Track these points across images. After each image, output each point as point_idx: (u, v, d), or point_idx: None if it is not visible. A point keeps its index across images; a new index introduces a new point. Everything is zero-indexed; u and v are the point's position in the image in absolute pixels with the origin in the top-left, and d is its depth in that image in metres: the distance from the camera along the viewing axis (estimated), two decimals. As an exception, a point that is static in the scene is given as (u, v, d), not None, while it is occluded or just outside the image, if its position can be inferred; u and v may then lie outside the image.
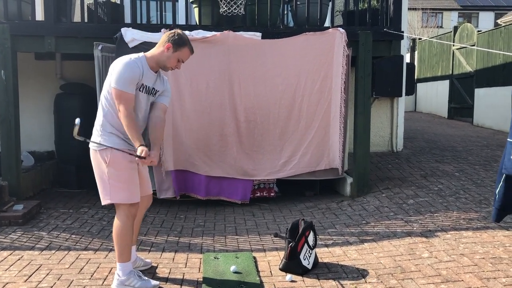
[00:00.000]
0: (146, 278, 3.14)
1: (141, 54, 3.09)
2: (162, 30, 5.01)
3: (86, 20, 5.34)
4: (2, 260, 3.62)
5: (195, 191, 5.36)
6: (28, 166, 5.87)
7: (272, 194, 5.59)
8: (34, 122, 6.59)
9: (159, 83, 3.18)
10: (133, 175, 3.08)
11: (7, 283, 3.22)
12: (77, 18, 5.68)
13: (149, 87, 3.07)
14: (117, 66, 2.96)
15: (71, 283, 3.23)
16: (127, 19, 5.88)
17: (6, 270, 3.44)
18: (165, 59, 3.07)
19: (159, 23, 5.44)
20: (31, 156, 6.11)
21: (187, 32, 5.02)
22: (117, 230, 3.07)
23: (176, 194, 5.27)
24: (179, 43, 3.06)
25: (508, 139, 3.28)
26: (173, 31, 3.12)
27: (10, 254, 3.75)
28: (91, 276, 3.36)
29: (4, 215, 4.49)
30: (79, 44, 5.13)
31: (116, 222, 3.08)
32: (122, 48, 5.00)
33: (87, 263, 3.60)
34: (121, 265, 3.07)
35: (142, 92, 3.04)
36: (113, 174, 3.00)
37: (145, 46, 5.02)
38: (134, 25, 5.22)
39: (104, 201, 3.07)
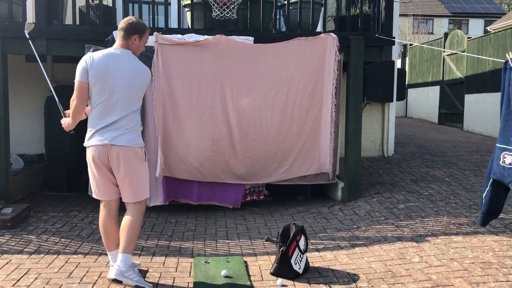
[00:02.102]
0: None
1: (131, 52, 3.29)
2: (154, 33, 5.00)
3: (78, 23, 5.32)
4: (-10, 264, 3.58)
5: (186, 197, 5.33)
6: (18, 169, 5.81)
7: (261, 197, 5.59)
8: (24, 124, 6.53)
9: None
10: None
11: (-5, 287, 3.18)
12: (68, 20, 5.65)
13: None
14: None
15: (60, 287, 3.20)
16: (119, 22, 5.84)
17: (-6, 274, 3.40)
18: (137, 47, 3.30)
19: (151, 26, 5.43)
20: (21, 159, 6.05)
21: (179, 36, 5.10)
22: (136, 223, 3.18)
23: (164, 201, 5.22)
24: (143, 30, 3.31)
25: (497, 145, 3.32)
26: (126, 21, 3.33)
27: (-2, 258, 3.71)
28: (81, 280, 3.33)
29: (-7, 218, 4.44)
30: (70, 46, 5.10)
31: (134, 216, 3.19)
32: (114, 51, 4.99)
33: (76, 267, 3.57)
34: (126, 256, 3.12)
35: None
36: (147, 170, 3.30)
37: (137, 49, 5.01)
38: (126, 28, 5.20)
39: (144, 197, 3.26)
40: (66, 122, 3.29)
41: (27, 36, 4.08)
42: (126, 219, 3.19)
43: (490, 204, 3.44)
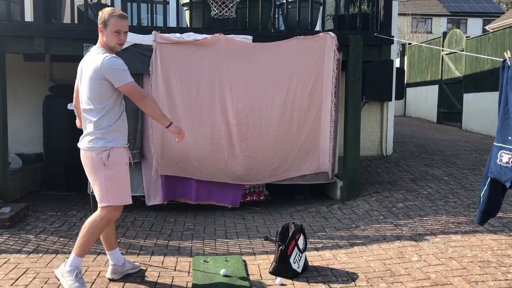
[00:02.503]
0: (85, 285, 3.07)
1: (100, 48, 3.09)
2: (153, 32, 5.00)
3: (76, 22, 5.30)
4: (-12, 264, 3.57)
5: (185, 196, 5.32)
6: (16, 168, 5.80)
7: (262, 197, 5.59)
8: (22, 124, 6.52)
9: None
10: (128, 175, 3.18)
11: (-7, 286, 3.17)
12: (67, 19, 5.64)
13: None
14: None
15: (58, 286, 3.19)
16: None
17: (-8, 274, 3.39)
18: (106, 40, 3.06)
19: (150, 25, 5.42)
20: (19, 158, 6.04)
21: (177, 35, 5.09)
22: (91, 226, 3.06)
23: (163, 200, 5.22)
24: (104, 19, 3.03)
25: (495, 143, 3.32)
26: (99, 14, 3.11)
27: (-3, 258, 3.70)
28: (79, 279, 3.32)
29: (-9, 217, 4.44)
30: (68, 45, 5.09)
31: (92, 219, 3.08)
32: (113, 50, 4.98)
33: (75, 266, 3.56)
34: (76, 258, 3.07)
35: None
36: (112, 176, 3.05)
37: (136, 48, 5.01)
38: (125, 27, 5.19)
39: (103, 204, 3.07)
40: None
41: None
42: (87, 220, 3.13)
43: (488, 202, 3.44)
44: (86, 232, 3.07)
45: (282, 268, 3.38)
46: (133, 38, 4.99)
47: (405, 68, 14.57)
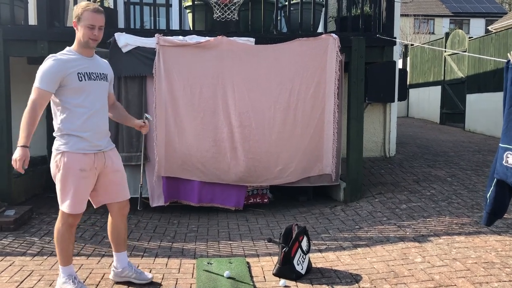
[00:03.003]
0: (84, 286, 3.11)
1: (67, 48, 3.02)
2: (156, 35, 5.02)
3: (79, 25, 5.32)
4: (-7, 266, 3.59)
5: (187, 198, 5.33)
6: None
7: (265, 200, 5.59)
8: (26, 127, 6.53)
9: (98, 67, 3.08)
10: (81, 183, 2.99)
11: (-2, 289, 3.19)
12: (70, 22, 5.66)
13: (89, 73, 2.98)
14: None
15: (63, 289, 3.20)
16: (121, 24, 5.87)
17: (-3, 276, 3.41)
18: (79, 36, 2.94)
19: (152, 28, 5.44)
20: (23, 161, 6.05)
21: (180, 37, 5.11)
22: (56, 232, 3.07)
23: (165, 201, 5.24)
24: (78, 13, 2.93)
25: (500, 144, 3.31)
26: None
27: (1, 260, 3.72)
28: (84, 281, 3.33)
29: (-4, 220, 4.46)
30: (72, 48, 5.10)
31: (57, 224, 3.09)
32: (116, 53, 5.00)
33: (79, 268, 3.58)
34: (63, 268, 3.08)
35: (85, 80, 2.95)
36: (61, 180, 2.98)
37: (139, 51, 5.04)
38: (128, 30, 5.23)
39: (60, 207, 3.07)
40: None
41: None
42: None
43: (495, 204, 3.43)
44: (55, 239, 3.08)
45: (285, 270, 3.39)
46: (135, 41, 5.01)
47: (408, 69, 14.57)
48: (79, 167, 2.93)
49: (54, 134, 3.00)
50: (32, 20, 5.67)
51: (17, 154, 2.79)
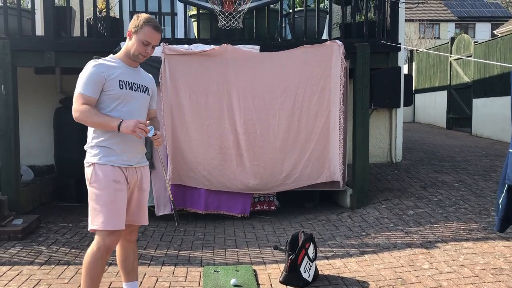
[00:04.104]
0: None
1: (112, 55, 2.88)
2: (162, 44, 5.05)
3: (85, 35, 5.38)
4: (1, 275, 3.61)
5: (194, 206, 5.34)
6: (28, 180, 5.86)
7: (272, 207, 5.57)
8: (33, 136, 6.60)
9: (141, 79, 2.90)
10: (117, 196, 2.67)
11: (6, 298, 3.20)
12: (76, 33, 5.72)
13: (132, 82, 2.80)
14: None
15: (70, 298, 3.22)
16: (126, 33, 5.91)
17: (5, 286, 3.42)
18: (130, 46, 2.79)
19: (158, 37, 5.47)
20: (31, 170, 6.10)
21: (185, 46, 5.14)
22: (88, 258, 2.67)
23: (171, 210, 5.24)
24: (137, 25, 2.75)
25: (510, 150, 3.29)
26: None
27: (9, 269, 3.74)
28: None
29: (4, 229, 4.49)
30: (78, 58, 5.14)
31: (91, 249, 2.68)
32: (122, 62, 5.03)
33: (86, 277, 3.58)
34: None
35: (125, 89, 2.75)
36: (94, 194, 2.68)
37: (145, 60, 5.06)
38: (133, 39, 5.26)
39: (91, 227, 2.71)
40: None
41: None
42: (86, 253, 2.73)
43: (507, 209, 3.40)
44: (84, 266, 2.67)
45: (292, 278, 3.38)
46: (141, 50, 5.04)
47: (413, 74, 14.55)
48: (112, 178, 2.65)
49: (85, 147, 2.78)
50: (39, 30, 5.73)
51: (130, 123, 2.58)
